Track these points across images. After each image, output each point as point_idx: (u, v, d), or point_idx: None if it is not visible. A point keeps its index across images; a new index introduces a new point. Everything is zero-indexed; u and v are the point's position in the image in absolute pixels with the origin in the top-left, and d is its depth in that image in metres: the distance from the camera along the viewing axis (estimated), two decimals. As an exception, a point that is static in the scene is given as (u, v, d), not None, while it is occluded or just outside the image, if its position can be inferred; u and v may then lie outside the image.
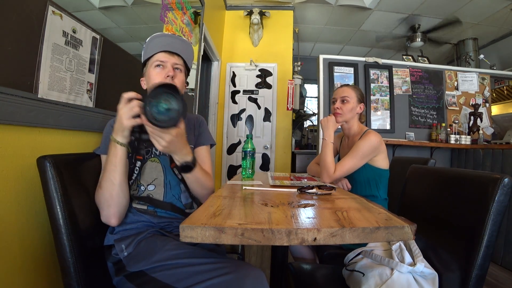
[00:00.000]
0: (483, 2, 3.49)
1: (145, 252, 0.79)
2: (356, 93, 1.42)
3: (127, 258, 0.80)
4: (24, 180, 0.85)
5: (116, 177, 0.79)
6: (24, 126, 0.84)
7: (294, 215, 0.63)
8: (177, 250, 0.77)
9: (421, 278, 0.77)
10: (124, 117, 0.73)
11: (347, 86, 1.45)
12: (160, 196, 0.93)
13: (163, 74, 0.93)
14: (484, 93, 3.24)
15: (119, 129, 0.76)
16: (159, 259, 0.75)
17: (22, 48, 0.82)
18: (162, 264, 0.74)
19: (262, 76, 3.81)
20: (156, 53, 0.94)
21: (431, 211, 0.93)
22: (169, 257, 0.75)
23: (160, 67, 0.94)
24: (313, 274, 1.04)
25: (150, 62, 0.95)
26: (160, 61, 0.93)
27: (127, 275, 0.78)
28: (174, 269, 0.72)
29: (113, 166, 0.79)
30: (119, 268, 0.81)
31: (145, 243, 0.82)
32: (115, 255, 0.83)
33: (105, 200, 0.80)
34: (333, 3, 3.78)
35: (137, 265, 0.77)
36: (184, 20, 2.19)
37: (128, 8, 1.53)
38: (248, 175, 1.30)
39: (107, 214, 0.82)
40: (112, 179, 0.79)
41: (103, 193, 0.80)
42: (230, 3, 3.83)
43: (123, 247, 0.82)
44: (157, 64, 0.93)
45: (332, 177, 1.28)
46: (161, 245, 0.79)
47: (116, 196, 0.80)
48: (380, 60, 3.13)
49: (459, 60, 4.52)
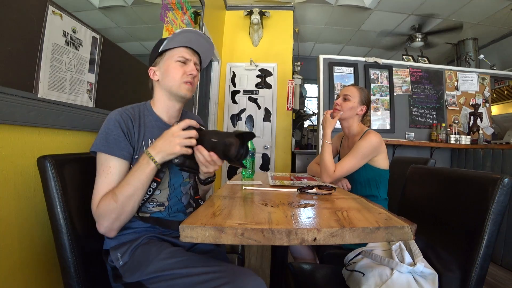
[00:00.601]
0: (483, 2, 3.49)
1: (140, 262, 0.76)
2: (360, 94, 1.42)
3: (123, 268, 0.78)
4: (24, 180, 0.85)
5: (139, 195, 0.76)
6: (24, 126, 0.84)
7: (294, 215, 0.63)
8: (172, 259, 0.74)
9: (421, 278, 0.77)
10: (179, 143, 0.74)
11: (354, 86, 1.46)
12: (165, 197, 0.90)
13: (185, 71, 0.89)
14: (484, 93, 3.24)
15: (166, 151, 0.74)
16: (154, 270, 0.73)
17: (22, 48, 0.82)
18: (159, 275, 0.72)
19: (262, 76, 3.81)
20: (179, 47, 0.90)
21: (431, 211, 0.93)
22: (164, 268, 0.72)
23: (182, 63, 0.90)
24: (313, 274, 1.04)
25: (171, 54, 0.90)
26: (184, 57, 0.90)
27: (124, 284, 0.78)
28: (170, 281, 0.70)
29: (139, 183, 0.75)
30: (116, 275, 0.80)
31: (140, 251, 0.79)
32: (111, 262, 0.81)
33: (115, 214, 0.75)
34: (333, 3, 3.77)
35: (132, 276, 0.75)
36: (184, 20, 2.19)
37: (128, 8, 1.53)
38: (248, 175, 1.30)
39: (109, 226, 0.77)
40: (133, 195, 0.75)
41: (117, 206, 0.74)
42: (230, 3, 3.83)
43: (119, 256, 0.79)
44: (180, 60, 0.90)
45: (332, 177, 1.28)
46: (156, 253, 0.76)
47: (130, 213, 0.77)
48: (380, 60, 3.13)
49: (459, 60, 4.52)
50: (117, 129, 0.81)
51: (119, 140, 0.80)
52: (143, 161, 0.76)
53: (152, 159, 0.75)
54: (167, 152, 0.75)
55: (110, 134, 0.79)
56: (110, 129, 0.80)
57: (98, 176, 0.79)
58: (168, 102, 0.93)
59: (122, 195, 0.74)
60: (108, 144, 0.78)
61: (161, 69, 0.91)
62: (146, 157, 0.75)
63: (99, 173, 0.79)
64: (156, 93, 0.95)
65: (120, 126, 0.81)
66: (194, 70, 0.90)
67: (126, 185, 0.75)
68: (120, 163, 0.80)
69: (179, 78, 0.89)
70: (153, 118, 0.92)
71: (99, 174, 0.79)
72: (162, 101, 0.93)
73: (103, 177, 0.78)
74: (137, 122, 0.87)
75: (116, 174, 0.79)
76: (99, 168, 0.79)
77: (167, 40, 0.89)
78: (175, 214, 0.93)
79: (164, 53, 0.91)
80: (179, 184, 0.94)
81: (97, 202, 0.76)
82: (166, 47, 0.90)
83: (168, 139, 0.75)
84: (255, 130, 3.78)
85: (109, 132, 0.80)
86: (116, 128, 0.81)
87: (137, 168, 0.76)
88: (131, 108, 0.89)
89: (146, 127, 0.89)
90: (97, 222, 0.77)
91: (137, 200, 0.77)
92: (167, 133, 0.76)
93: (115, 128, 0.80)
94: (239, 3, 3.82)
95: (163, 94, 0.93)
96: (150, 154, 0.75)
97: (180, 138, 0.74)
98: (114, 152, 0.79)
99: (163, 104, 0.94)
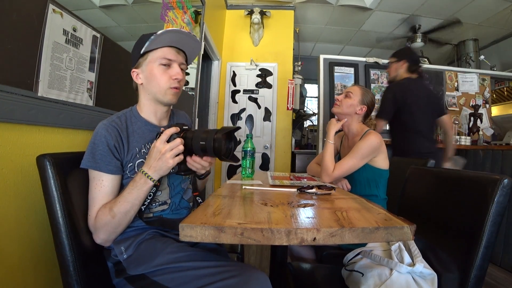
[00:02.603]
0: (483, 3, 3.49)
1: (146, 256, 0.77)
2: (363, 94, 1.42)
3: (127, 261, 0.78)
4: (24, 179, 0.85)
5: (136, 209, 0.78)
6: (24, 124, 0.84)
7: (294, 215, 0.63)
8: (178, 253, 0.75)
9: (420, 279, 0.77)
10: (170, 157, 0.74)
11: (358, 86, 1.47)
12: (166, 196, 0.91)
13: (170, 75, 0.86)
14: (484, 94, 3.24)
15: (162, 169, 0.75)
16: (160, 263, 0.73)
17: (22, 47, 0.82)
18: (164, 267, 0.73)
19: (263, 75, 3.80)
20: (162, 47, 0.85)
21: (430, 211, 0.93)
22: (170, 261, 0.73)
23: (166, 66, 0.86)
24: (312, 274, 1.04)
25: (154, 56, 0.85)
26: (167, 59, 0.85)
27: (128, 277, 0.77)
28: (176, 273, 0.71)
29: (137, 200, 0.76)
30: (119, 270, 0.80)
31: (145, 246, 0.79)
32: (114, 256, 0.81)
33: (112, 228, 0.77)
34: (333, 3, 3.77)
35: (137, 269, 0.76)
36: (185, 19, 2.19)
37: (128, 6, 1.52)
38: (247, 175, 1.30)
39: (106, 238, 0.79)
40: (130, 210, 0.76)
41: (114, 221, 0.75)
42: (230, 2, 3.82)
43: (123, 250, 0.80)
44: (164, 63, 0.85)
45: (331, 176, 1.28)
46: (162, 248, 0.77)
47: (126, 225, 0.79)
48: (381, 60, 3.13)
49: (460, 61, 4.52)
50: (102, 145, 0.79)
51: (105, 156, 0.79)
52: (141, 180, 0.76)
53: (150, 178, 0.76)
54: (163, 170, 0.76)
55: (96, 150, 0.79)
56: (96, 145, 0.79)
57: (92, 189, 0.79)
58: (155, 106, 0.91)
59: (119, 212, 0.75)
60: (95, 160, 0.78)
61: (144, 73, 0.87)
62: (143, 177, 0.75)
63: (93, 187, 0.79)
64: (141, 96, 0.91)
65: (106, 141, 0.80)
66: (180, 74, 0.87)
67: (124, 202, 0.76)
68: (111, 177, 0.80)
69: (164, 84, 0.86)
70: (142, 123, 0.90)
71: (93, 188, 0.79)
72: (148, 105, 0.91)
73: (97, 190, 0.78)
74: (124, 132, 0.84)
75: (109, 187, 0.80)
76: (92, 182, 0.79)
77: (149, 41, 0.83)
78: (178, 210, 0.93)
79: (146, 54, 0.86)
80: (178, 182, 0.95)
81: (94, 216, 0.77)
82: (149, 48, 0.84)
83: (159, 158, 0.75)
84: (255, 129, 3.78)
85: (95, 148, 0.79)
86: (101, 143, 0.79)
87: (134, 187, 0.76)
88: (117, 118, 0.86)
89: (135, 134, 0.87)
90: (94, 234, 0.79)
91: (134, 213, 0.79)
92: (154, 151, 0.76)
93: (101, 144, 0.79)
94: (239, 3, 3.82)
95: (148, 98, 0.90)
96: (148, 174, 0.75)
97: (169, 153, 0.74)
98: (101, 168, 0.78)
99: (150, 108, 0.91)
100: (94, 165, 0.78)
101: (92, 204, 0.79)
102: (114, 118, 0.86)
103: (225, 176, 3.72)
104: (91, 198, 0.79)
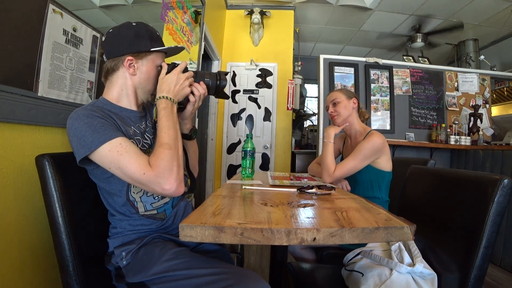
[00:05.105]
0: (483, 3, 3.49)
1: (143, 264, 0.76)
2: (343, 92, 1.45)
3: (126, 268, 0.78)
4: (24, 178, 0.85)
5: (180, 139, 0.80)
6: (24, 124, 0.84)
7: (294, 215, 0.63)
8: (175, 260, 0.73)
9: (420, 279, 0.77)
10: (187, 84, 0.84)
11: (333, 91, 1.52)
12: None
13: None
14: (484, 94, 3.24)
15: (180, 93, 0.83)
16: (157, 271, 0.73)
17: (23, 47, 0.82)
18: (162, 276, 0.72)
19: (263, 75, 3.80)
20: (160, 52, 0.87)
21: (430, 211, 0.93)
22: (167, 269, 0.72)
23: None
24: (312, 274, 1.04)
25: (154, 57, 0.86)
26: (161, 66, 0.87)
27: (127, 284, 0.78)
28: (174, 282, 0.70)
29: (175, 123, 0.79)
30: (119, 275, 0.80)
31: (143, 252, 0.79)
32: (115, 263, 0.81)
33: (176, 161, 0.73)
34: (333, 3, 3.77)
35: (135, 277, 0.75)
36: (185, 19, 2.19)
37: (128, 6, 1.52)
38: (247, 175, 1.30)
39: (178, 177, 0.72)
40: (177, 135, 0.78)
41: (173, 152, 0.73)
42: (230, 2, 3.82)
43: (123, 255, 0.79)
44: (158, 68, 0.87)
45: (331, 177, 1.28)
46: (159, 255, 0.75)
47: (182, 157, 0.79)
48: (381, 60, 3.13)
49: (460, 61, 4.51)
50: (96, 119, 0.72)
51: (105, 124, 0.73)
52: (167, 104, 0.80)
53: (172, 100, 0.81)
54: (181, 95, 0.84)
55: (94, 125, 0.71)
56: (89, 123, 0.71)
57: (121, 157, 0.69)
58: (141, 95, 0.89)
59: (170, 139, 0.76)
60: (99, 134, 0.70)
61: (141, 69, 0.84)
62: (169, 102, 0.81)
63: (120, 156, 0.69)
64: (124, 85, 0.85)
65: (96, 115, 0.74)
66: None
67: (167, 129, 0.77)
68: (127, 139, 0.74)
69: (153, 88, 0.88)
70: (120, 110, 0.85)
71: (121, 156, 0.69)
72: (131, 93, 0.86)
73: (127, 153, 0.70)
74: (109, 116, 0.78)
75: (133, 145, 0.73)
76: (114, 154, 0.69)
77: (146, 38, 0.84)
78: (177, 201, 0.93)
79: (151, 52, 0.85)
80: None
81: (146, 168, 0.69)
82: (154, 46, 0.85)
83: (180, 84, 0.83)
84: (255, 129, 3.78)
85: (91, 124, 0.71)
86: (94, 118, 0.72)
87: (165, 112, 0.79)
88: (90, 106, 0.80)
89: (121, 119, 0.82)
90: (163, 184, 0.70)
91: (181, 144, 0.80)
92: (174, 78, 0.82)
93: (94, 119, 0.72)
94: (239, 3, 3.82)
95: (134, 89, 0.87)
96: (170, 97, 0.81)
97: (187, 80, 0.84)
98: (112, 135, 0.71)
99: (130, 97, 0.87)
100: (102, 137, 0.69)
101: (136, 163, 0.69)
102: (86, 106, 0.80)
103: (225, 176, 3.72)
104: (129, 162, 0.69)
